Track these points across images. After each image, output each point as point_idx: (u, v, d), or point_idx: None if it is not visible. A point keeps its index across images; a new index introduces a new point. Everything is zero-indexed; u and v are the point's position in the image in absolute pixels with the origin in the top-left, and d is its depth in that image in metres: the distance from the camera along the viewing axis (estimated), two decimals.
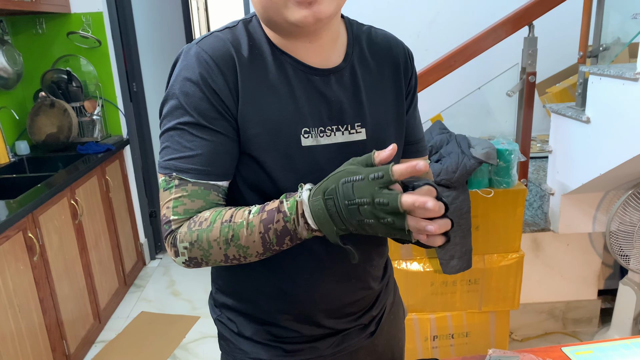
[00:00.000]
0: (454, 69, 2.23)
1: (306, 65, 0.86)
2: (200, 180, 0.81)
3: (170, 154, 0.82)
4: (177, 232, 0.81)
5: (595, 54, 2.20)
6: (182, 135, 0.81)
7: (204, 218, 0.80)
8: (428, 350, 2.19)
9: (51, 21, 3.18)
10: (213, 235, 0.78)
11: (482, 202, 2.03)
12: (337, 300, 0.97)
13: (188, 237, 0.80)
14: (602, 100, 2.01)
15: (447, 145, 2.07)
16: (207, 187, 0.82)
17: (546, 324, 2.64)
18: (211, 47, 0.83)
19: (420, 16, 3.10)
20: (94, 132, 3.26)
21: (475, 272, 2.10)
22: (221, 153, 0.82)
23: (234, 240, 0.77)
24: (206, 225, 0.79)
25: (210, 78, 0.81)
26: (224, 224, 0.78)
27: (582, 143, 2.15)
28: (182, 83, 0.82)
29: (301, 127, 0.85)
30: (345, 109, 0.88)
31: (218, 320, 1.04)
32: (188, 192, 0.81)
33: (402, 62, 0.96)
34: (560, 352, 1.11)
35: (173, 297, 3.23)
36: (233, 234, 0.77)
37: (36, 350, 2.14)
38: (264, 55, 0.85)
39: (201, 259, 0.81)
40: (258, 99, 0.83)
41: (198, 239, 0.79)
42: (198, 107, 0.81)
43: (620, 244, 2.18)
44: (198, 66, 0.81)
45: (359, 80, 0.90)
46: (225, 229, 0.77)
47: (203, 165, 0.81)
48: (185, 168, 0.81)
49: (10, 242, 1.99)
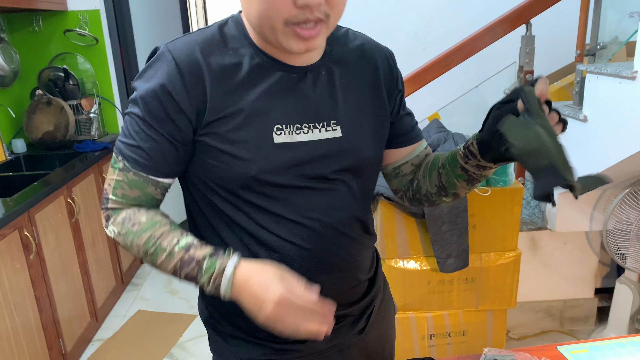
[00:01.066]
0: (452, 67, 2.23)
1: (283, 64, 0.87)
2: (140, 172, 0.86)
3: (122, 137, 0.87)
4: (113, 214, 0.89)
5: (592, 52, 2.20)
6: (131, 123, 0.86)
7: (138, 221, 0.87)
8: (425, 349, 2.19)
9: (48, 19, 3.17)
10: (138, 241, 0.86)
11: (479, 201, 2.03)
12: (324, 293, 0.97)
13: (119, 227, 0.88)
14: (599, 99, 2.01)
15: (445, 143, 2.07)
16: (146, 180, 0.87)
17: (543, 322, 2.64)
18: (179, 50, 0.84)
19: (418, 15, 3.09)
20: (91, 130, 3.25)
21: (472, 271, 2.09)
22: (162, 152, 0.86)
23: (152, 257, 0.85)
24: (137, 229, 0.86)
25: (169, 81, 0.82)
26: (151, 238, 0.85)
27: (579, 142, 2.15)
28: (145, 79, 0.84)
29: (272, 124, 0.86)
30: (321, 106, 0.90)
31: (208, 322, 1.04)
32: (128, 180, 0.87)
33: (381, 65, 0.98)
34: (556, 351, 1.11)
35: (170, 295, 3.23)
36: (153, 252, 0.85)
37: (32, 349, 2.13)
38: (239, 57, 0.86)
39: (122, 246, 0.90)
40: (227, 99, 0.84)
41: (126, 235, 0.87)
42: (149, 104, 0.83)
43: (617, 242, 2.18)
44: (161, 67, 0.83)
45: (336, 79, 0.92)
46: (150, 244, 0.85)
47: (143, 158, 0.85)
48: (129, 156, 0.86)
49: (6, 240, 1.98)
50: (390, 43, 1.34)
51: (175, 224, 0.89)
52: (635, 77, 1.77)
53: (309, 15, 0.76)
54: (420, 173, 1.05)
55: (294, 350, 0.99)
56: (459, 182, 0.96)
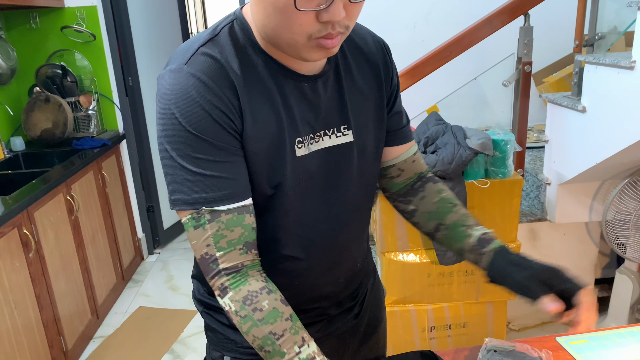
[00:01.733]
0: (450, 59, 2.22)
1: (295, 73, 0.84)
2: (232, 206, 0.78)
3: (185, 188, 0.78)
4: (231, 288, 0.80)
5: (591, 42, 2.19)
6: (195, 163, 0.77)
7: (260, 306, 0.79)
8: (425, 341, 2.19)
9: (45, 15, 3.16)
10: (256, 332, 0.78)
11: (478, 193, 2.02)
12: (324, 285, 0.99)
13: (237, 307, 0.79)
14: (598, 89, 2.00)
15: (443, 136, 2.06)
16: (240, 211, 0.79)
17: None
18: (204, 66, 0.77)
19: (417, 7, 3.08)
20: (90, 127, 3.25)
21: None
22: (238, 170, 0.80)
23: (267, 354, 0.79)
24: (257, 318, 0.79)
25: (212, 98, 0.76)
26: (270, 335, 0.78)
27: (578, 132, 2.14)
28: (181, 108, 0.76)
29: (295, 137, 0.84)
30: (331, 112, 0.88)
31: (205, 313, 1.05)
32: (224, 223, 0.78)
33: (380, 61, 0.96)
34: (555, 342, 1.11)
35: (171, 291, 3.23)
36: (271, 351, 0.78)
37: (33, 347, 2.14)
38: (254, 67, 0.81)
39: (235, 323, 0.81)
40: (258, 113, 0.80)
41: (244, 319, 0.79)
42: (206, 128, 0.76)
43: (617, 233, 2.18)
44: (195, 88, 0.76)
45: (343, 82, 0.90)
46: (268, 342, 0.78)
47: (227, 188, 0.78)
48: (210, 198, 0.77)
49: (5, 238, 1.98)
50: (389, 35, 1.33)
51: (295, 318, 0.82)
52: (634, 67, 1.76)
53: (331, 30, 0.74)
54: (421, 205, 1.05)
55: None
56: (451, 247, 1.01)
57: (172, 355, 2.60)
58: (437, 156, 1.96)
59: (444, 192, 1.04)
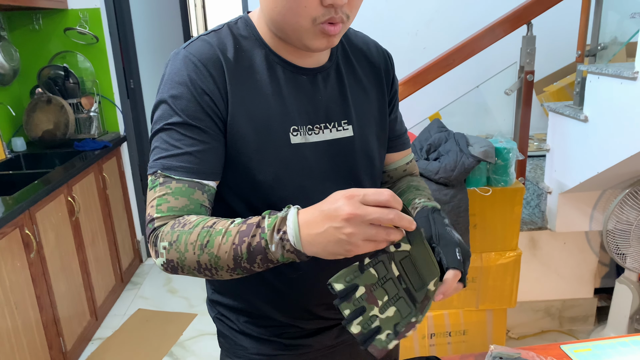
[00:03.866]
0: (452, 67, 2.23)
1: (294, 65, 0.88)
2: (184, 178, 0.80)
3: (157, 154, 0.82)
4: (160, 230, 0.79)
5: (593, 53, 2.21)
6: (169, 134, 0.82)
7: (189, 221, 0.78)
8: (425, 348, 2.19)
9: (48, 17, 3.16)
10: (191, 238, 0.76)
11: (480, 201, 2.03)
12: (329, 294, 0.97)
13: (169, 236, 0.77)
14: (600, 99, 2.02)
15: (446, 143, 2.07)
16: (192, 184, 0.81)
17: (542, 322, 2.65)
18: (199, 50, 0.84)
19: (419, 14, 3.10)
20: (91, 129, 3.25)
21: (473, 271, 2.10)
22: (208, 152, 0.82)
23: (208, 247, 0.74)
24: (188, 228, 0.76)
25: (199, 79, 0.82)
26: (204, 228, 0.76)
27: (579, 142, 2.15)
28: (170, 86, 0.83)
29: (290, 125, 0.87)
30: (332, 107, 0.91)
31: (217, 318, 1.05)
32: (172, 190, 0.80)
33: (382, 65, 1.00)
34: (559, 350, 1.11)
35: (170, 294, 3.23)
36: (209, 240, 0.74)
37: (33, 348, 2.13)
38: (251, 57, 0.87)
39: (177, 263, 0.77)
40: (246, 99, 0.85)
41: (178, 239, 0.76)
42: (186, 108, 0.81)
43: (617, 242, 2.19)
44: (186, 69, 0.82)
45: (344, 78, 0.93)
46: (204, 234, 0.75)
47: (190, 163, 0.81)
48: (170, 165, 0.81)
49: (7, 238, 1.98)
50: (391, 42, 1.34)
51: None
52: (636, 78, 1.77)
53: (334, 14, 0.78)
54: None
55: (304, 345, 1.00)
56: None
57: (171, 358, 2.59)
58: (439, 163, 1.97)
59: (415, 181, 1.04)
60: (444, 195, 1.96)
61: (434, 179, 1.96)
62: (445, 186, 1.97)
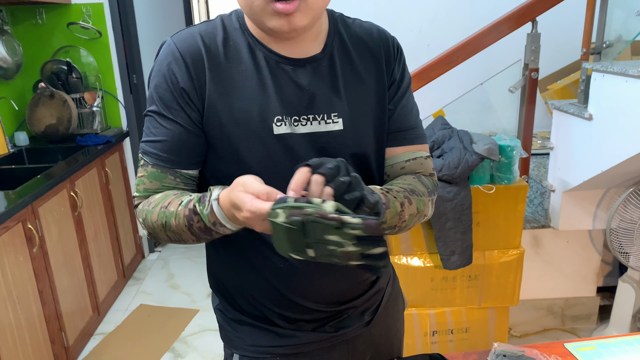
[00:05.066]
0: (456, 64, 2.22)
1: (279, 55, 0.88)
2: (158, 163, 0.88)
3: (144, 137, 0.90)
4: (137, 208, 0.90)
5: (598, 51, 2.20)
6: (150, 121, 0.89)
7: (153, 199, 0.87)
8: (427, 346, 2.19)
9: (51, 11, 3.16)
10: (153, 218, 0.86)
11: (483, 198, 2.03)
12: (327, 291, 0.98)
13: (141, 214, 0.88)
14: (604, 97, 2.01)
15: (449, 140, 2.07)
16: (164, 170, 0.88)
17: (545, 320, 2.65)
18: (182, 40, 0.87)
19: (422, 11, 3.09)
20: (94, 124, 3.25)
21: (476, 268, 2.10)
22: (179, 143, 0.87)
23: (167, 227, 0.84)
24: (151, 207, 0.86)
25: (175, 71, 0.85)
26: (161, 209, 0.84)
27: (583, 140, 2.15)
28: (154, 74, 0.88)
29: (273, 115, 0.86)
30: (320, 98, 0.89)
31: (217, 309, 1.06)
32: (147, 173, 0.89)
33: (384, 51, 0.95)
34: (563, 348, 1.11)
35: (172, 290, 3.23)
36: (166, 221, 0.84)
37: (35, 342, 2.13)
38: (237, 48, 0.88)
39: (153, 235, 0.89)
40: (228, 90, 0.86)
41: (145, 217, 0.87)
42: (162, 97, 0.87)
43: (621, 241, 2.18)
44: (166, 59, 0.87)
45: (337, 70, 0.91)
46: (161, 215, 0.84)
47: (161, 151, 0.87)
48: (148, 151, 0.88)
49: (10, 233, 1.98)
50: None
51: (188, 192, 0.87)
52: None
53: None
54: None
55: (299, 337, 0.99)
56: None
57: (173, 353, 2.59)
58: (443, 160, 1.96)
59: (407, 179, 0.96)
60: (447, 193, 1.95)
61: (438, 176, 1.95)
62: (448, 184, 1.96)
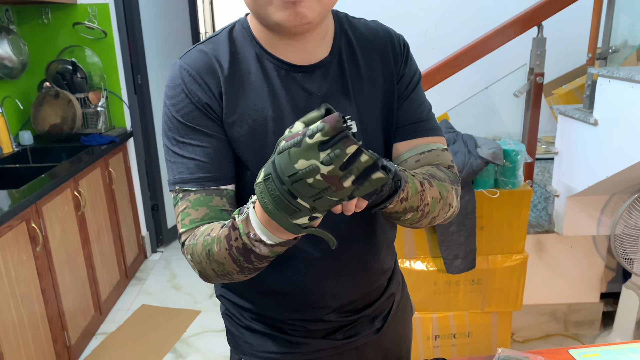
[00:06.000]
0: (461, 68, 2.22)
1: (287, 64, 0.86)
2: (201, 187, 0.82)
3: (172, 169, 0.85)
4: (186, 244, 0.82)
5: (604, 56, 2.19)
6: (176, 145, 0.84)
7: (199, 231, 0.80)
8: (430, 350, 2.19)
9: (57, 11, 3.17)
10: (199, 249, 0.79)
11: (487, 203, 2.02)
12: (337, 298, 0.97)
13: (189, 249, 0.81)
14: (610, 102, 2.00)
15: (454, 144, 2.06)
16: (209, 192, 0.82)
17: (548, 325, 2.64)
18: (193, 60, 0.86)
19: (427, 14, 3.09)
20: (98, 124, 3.25)
21: (479, 273, 2.09)
22: (220, 157, 0.84)
23: (211, 256, 0.77)
24: (196, 239, 0.79)
25: (194, 89, 0.84)
26: (205, 238, 0.78)
27: (589, 145, 2.14)
28: (172, 99, 0.85)
29: (286, 124, 0.85)
30: (331, 103, 0.88)
31: (225, 314, 1.05)
32: (191, 202, 0.82)
33: (390, 49, 0.94)
34: (567, 354, 1.10)
35: (174, 290, 3.23)
36: (209, 250, 0.77)
37: (37, 341, 2.13)
38: (245, 59, 0.87)
39: (202, 273, 0.81)
40: (241, 104, 0.85)
41: (193, 251, 0.80)
42: (191, 116, 0.83)
43: (625, 247, 2.17)
44: (181, 78, 0.84)
45: (346, 72, 0.90)
46: (206, 244, 0.77)
47: (202, 172, 0.82)
48: (185, 179, 0.83)
49: (14, 232, 1.98)
50: None
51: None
52: None
53: None
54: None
55: (309, 344, 0.99)
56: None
57: (175, 354, 2.59)
58: None
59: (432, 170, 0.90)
60: None
61: None
62: None
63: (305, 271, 0.93)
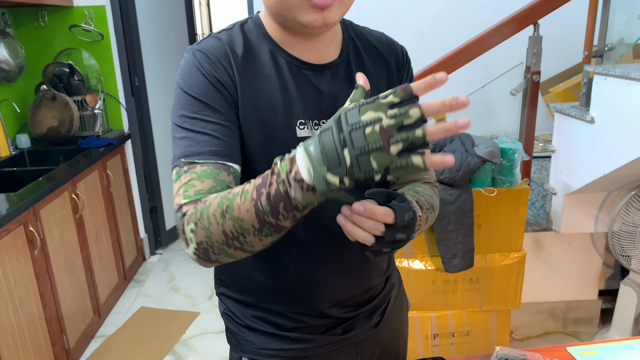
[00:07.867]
0: (459, 67, 2.22)
1: (300, 60, 0.89)
2: (209, 160, 0.79)
3: (179, 145, 0.82)
4: (187, 214, 0.77)
5: (600, 53, 2.20)
6: (188, 121, 0.82)
7: (211, 197, 0.76)
8: (428, 349, 2.19)
9: (53, 14, 3.17)
10: (212, 209, 0.74)
11: (485, 201, 2.03)
12: (338, 292, 0.99)
13: (193, 216, 0.75)
14: (606, 100, 2.01)
15: (451, 143, 2.07)
16: (216, 166, 0.79)
17: (546, 323, 2.64)
18: (209, 45, 0.87)
19: (424, 14, 3.09)
20: (95, 126, 3.25)
21: (477, 271, 2.09)
22: (231, 135, 0.83)
23: (229, 212, 0.72)
24: (209, 203, 0.75)
25: (212, 68, 0.84)
26: (223, 197, 0.74)
27: (585, 143, 2.14)
28: (187, 77, 0.84)
29: (296, 118, 0.88)
30: (340, 102, 0.90)
31: (224, 314, 1.06)
32: (197, 174, 0.78)
33: (394, 58, 0.99)
34: (565, 352, 1.11)
35: (173, 292, 3.23)
36: (228, 205, 0.72)
37: (36, 344, 2.13)
38: (259, 53, 0.89)
39: (206, 242, 0.75)
40: (253, 93, 0.86)
41: (201, 216, 0.74)
42: (207, 93, 0.83)
43: (623, 244, 2.18)
44: (199, 60, 0.85)
45: (354, 75, 0.93)
46: (223, 201, 0.73)
47: (213, 145, 0.80)
48: (192, 152, 0.80)
49: (12, 235, 1.98)
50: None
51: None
52: None
53: None
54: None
55: (310, 340, 1.00)
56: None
57: (174, 356, 2.59)
58: None
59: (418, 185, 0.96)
60: (449, 196, 1.95)
61: (439, 179, 1.95)
62: (450, 186, 1.96)
63: (308, 263, 0.94)
